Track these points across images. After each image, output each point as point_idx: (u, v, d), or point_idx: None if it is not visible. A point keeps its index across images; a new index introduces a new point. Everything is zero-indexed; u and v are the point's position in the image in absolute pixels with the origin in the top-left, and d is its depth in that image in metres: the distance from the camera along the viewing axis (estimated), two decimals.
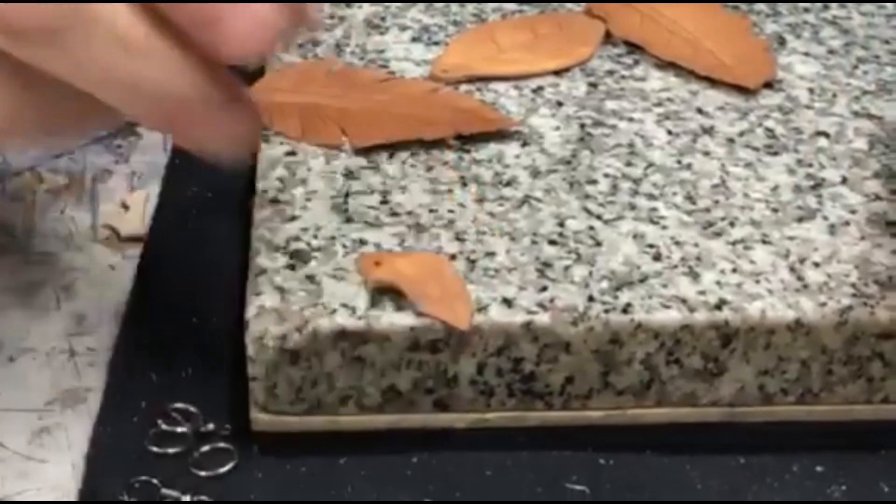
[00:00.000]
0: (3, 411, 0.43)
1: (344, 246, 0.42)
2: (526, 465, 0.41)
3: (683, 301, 0.41)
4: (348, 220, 0.43)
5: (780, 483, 0.41)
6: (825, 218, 0.44)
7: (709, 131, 0.48)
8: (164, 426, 0.42)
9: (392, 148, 0.46)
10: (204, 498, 0.39)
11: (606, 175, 0.45)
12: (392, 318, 0.40)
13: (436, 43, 0.52)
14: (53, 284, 0.46)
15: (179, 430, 0.42)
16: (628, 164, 0.46)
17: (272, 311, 0.40)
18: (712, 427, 0.42)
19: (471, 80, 0.50)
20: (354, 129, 0.47)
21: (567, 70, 0.51)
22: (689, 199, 0.44)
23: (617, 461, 0.41)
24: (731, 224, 0.43)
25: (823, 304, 0.40)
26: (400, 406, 0.41)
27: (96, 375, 0.44)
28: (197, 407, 0.42)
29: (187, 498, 0.39)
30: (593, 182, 0.45)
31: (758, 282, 0.41)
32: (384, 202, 0.44)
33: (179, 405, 0.42)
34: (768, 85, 0.50)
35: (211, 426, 0.42)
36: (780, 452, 0.41)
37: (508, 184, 0.45)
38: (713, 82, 0.50)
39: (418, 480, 0.40)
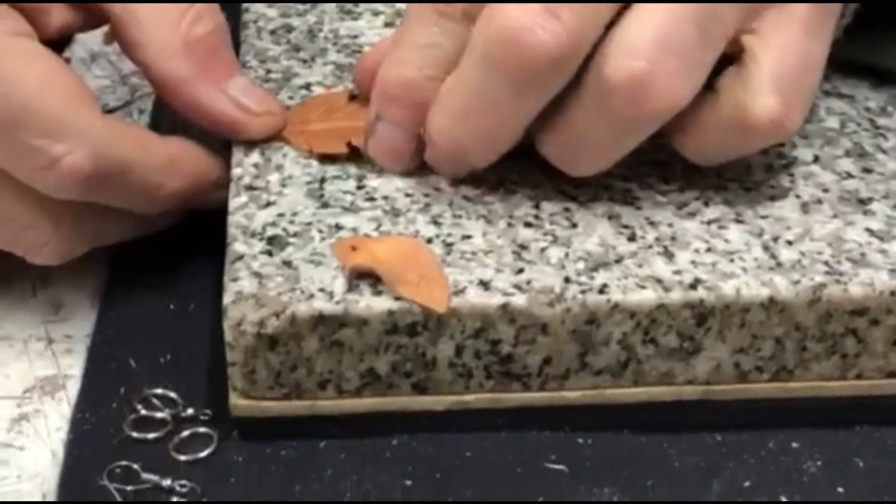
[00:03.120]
0: None
1: (320, 231, 0.42)
2: (505, 445, 0.41)
3: (659, 281, 0.41)
4: (324, 205, 0.43)
5: (756, 459, 0.41)
6: (798, 196, 0.44)
7: None
8: (143, 411, 0.42)
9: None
10: (184, 482, 0.40)
11: None
12: (370, 302, 0.40)
13: None
14: (30, 272, 0.46)
15: (159, 415, 0.42)
16: None
17: (250, 297, 0.40)
18: (689, 405, 0.42)
19: None
20: None
21: None
22: (664, 179, 0.45)
23: (595, 440, 0.42)
24: (705, 204, 0.44)
25: (797, 282, 0.41)
26: (379, 389, 0.41)
27: (74, 363, 0.44)
28: (176, 392, 0.42)
29: (168, 482, 0.40)
30: None
31: (732, 261, 0.42)
32: (360, 187, 0.44)
33: (159, 391, 0.42)
34: None
35: (190, 411, 0.42)
36: (756, 429, 0.42)
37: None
38: None
39: (398, 463, 0.41)
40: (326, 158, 0.45)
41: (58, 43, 0.45)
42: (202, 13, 0.45)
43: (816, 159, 0.46)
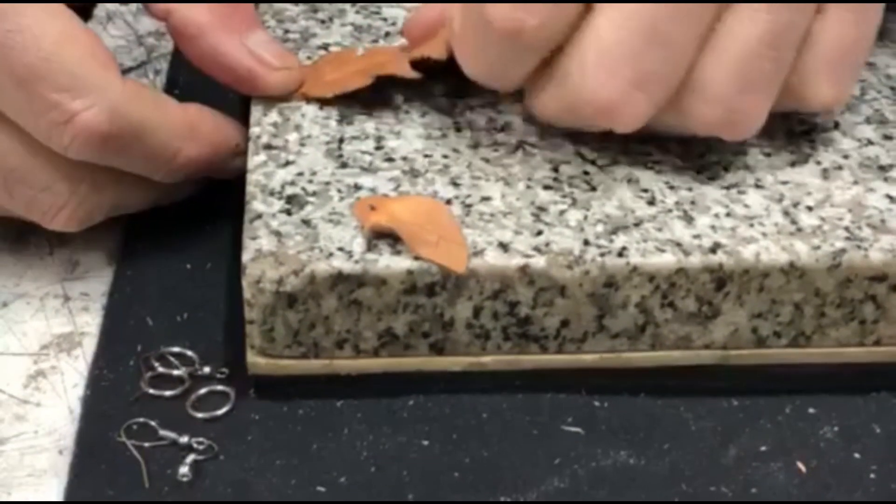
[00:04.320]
0: None
1: (339, 191, 0.42)
2: (521, 407, 0.41)
3: (678, 244, 0.41)
4: (343, 165, 0.43)
5: (772, 424, 0.41)
6: (818, 162, 0.44)
7: None
8: (160, 369, 0.42)
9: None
10: (201, 439, 0.40)
11: None
12: (389, 262, 0.40)
13: None
14: (46, 230, 0.46)
15: (176, 373, 0.42)
16: None
17: (269, 255, 0.40)
18: (706, 370, 0.42)
19: None
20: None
21: None
22: (683, 143, 0.45)
23: (611, 403, 0.42)
24: (725, 168, 0.44)
25: (817, 248, 0.41)
26: (396, 349, 0.41)
27: (90, 320, 0.44)
28: (193, 351, 0.42)
29: (185, 439, 0.40)
30: None
31: (752, 225, 0.42)
32: (379, 147, 0.44)
33: (176, 349, 0.42)
34: None
35: (207, 369, 0.42)
36: (773, 395, 0.42)
37: (502, 129, 0.45)
38: None
39: (414, 423, 0.41)
40: (349, 98, 0.45)
41: (79, 11, 0.45)
42: None
43: (837, 126, 0.46)
